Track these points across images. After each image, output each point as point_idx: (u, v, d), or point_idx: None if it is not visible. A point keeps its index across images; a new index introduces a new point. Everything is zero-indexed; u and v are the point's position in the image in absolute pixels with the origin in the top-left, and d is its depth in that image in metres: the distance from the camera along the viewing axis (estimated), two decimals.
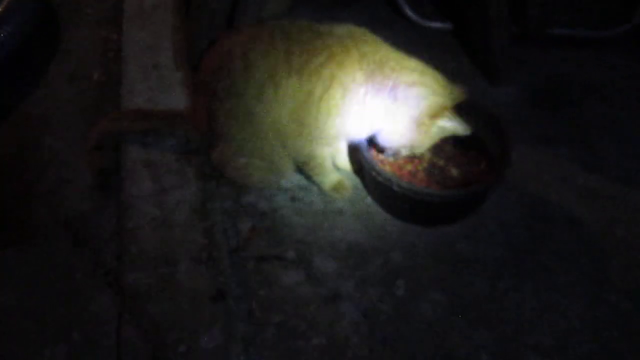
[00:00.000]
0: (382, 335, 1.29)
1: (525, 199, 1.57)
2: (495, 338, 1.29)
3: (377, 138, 1.45)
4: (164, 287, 1.28)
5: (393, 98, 1.36)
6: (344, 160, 1.59)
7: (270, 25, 1.39)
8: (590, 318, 1.34)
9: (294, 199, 1.55)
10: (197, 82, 1.45)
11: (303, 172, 1.56)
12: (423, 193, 1.40)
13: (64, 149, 1.67)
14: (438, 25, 2.06)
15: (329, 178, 1.53)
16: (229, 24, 1.59)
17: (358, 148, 1.46)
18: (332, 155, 1.54)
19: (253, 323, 1.30)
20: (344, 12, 2.11)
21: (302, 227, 1.49)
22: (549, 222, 1.52)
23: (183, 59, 1.75)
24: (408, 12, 2.05)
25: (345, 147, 1.57)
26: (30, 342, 1.27)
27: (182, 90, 1.73)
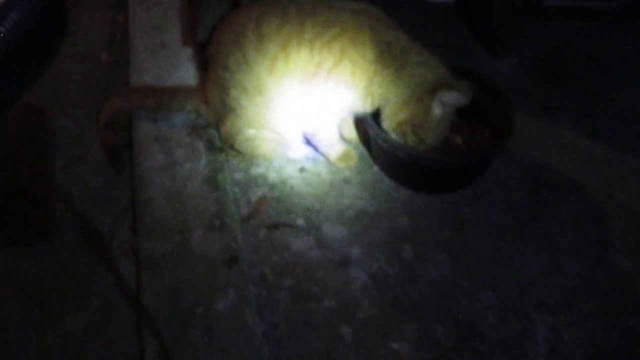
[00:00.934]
0: (391, 297, 1.34)
1: (528, 166, 1.60)
2: (501, 298, 1.34)
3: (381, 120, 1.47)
4: (179, 253, 1.33)
5: (397, 77, 1.40)
6: (351, 131, 1.63)
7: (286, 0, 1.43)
8: (593, 278, 1.38)
9: (302, 170, 1.58)
10: (208, 55, 1.48)
11: (310, 143, 1.59)
12: (428, 159, 1.44)
13: (76, 127, 1.71)
14: (440, 0, 2.09)
15: (336, 149, 1.57)
16: (234, 1, 1.62)
17: (364, 118, 1.50)
18: (339, 126, 1.57)
19: (266, 287, 1.34)
20: None
21: (310, 196, 1.53)
22: (551, 187, 1.56)
23: (190, 37, 1.77)
24: None
25: (352, 118, 1.61)
26: (53, 309, 1.32)
27: (190, 67, 1.76)
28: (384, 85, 1.41)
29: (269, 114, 1.47)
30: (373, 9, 1.44)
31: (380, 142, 1.46)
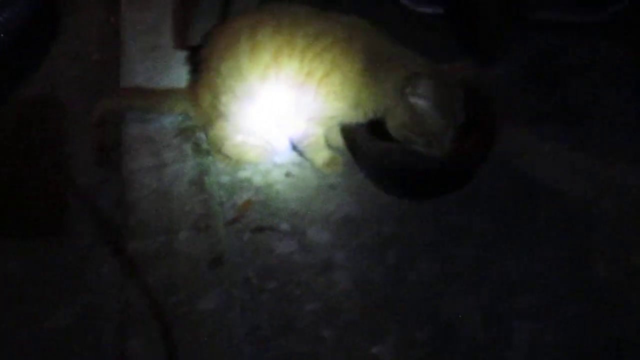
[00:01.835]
0: (373, 301, 1.35)
1: (513, 174, 1.62)
2: (484, 303, 1.35)
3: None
4: (164, 254, 1.34)
5: (384, 87, 1.39)
6: (337, 137, 1.64)
7: (279, 8, 1.45)
8: (574, 285, 1.39)
9: (289, 174, 1.60)
10: (201, 59, 1.50)
11: (297, 149, 1.61)
12: (412, 164, 1.46)
13: (67, 126, 1.72)
14: (429, 10, 2.10)
15: (322, 155, 1.58)
16: (227, 5, 1.63)
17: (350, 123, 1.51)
18: (325, 133, 1.59)
19: (249, 289, 1.35)
20: None
21: (296, 200, 1.54)
22: (536, 196, 1.58)
23: (183, 40, 1.79)
24: None
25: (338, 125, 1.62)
26: (41, 306, 1.33)
27: (181, 69, 1.77)
28: (374, 96, 1.41)
29: (259, 121, 1.48)
30: (364, 22, 1.46)
31: (366, 148, 1.47)
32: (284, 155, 1.62)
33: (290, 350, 1.26)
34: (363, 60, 1.39)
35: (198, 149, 1.58)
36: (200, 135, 1.61)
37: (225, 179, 1.58)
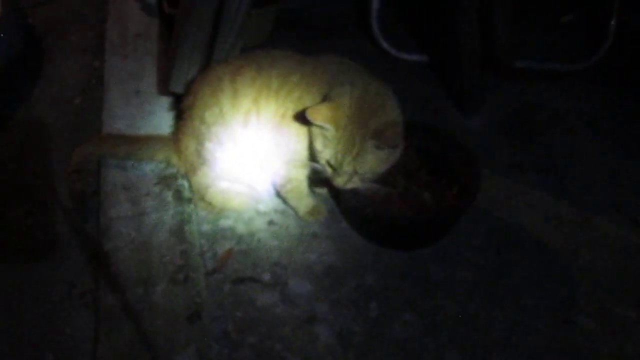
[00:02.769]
0: (355, 356, 1.32)
1: (495, 224, 1.62)
2: (465, 357, 1.33)
3: None
4: (141, 307, 1.30)
5: None
6: (321, 184, 1.63)
7: (259, 54, 1.46)
8: (557, 338, 1.38)
9: (271, 223, 1.58)
10: (184, 107, 1.49)
11: (280, 195, 1.59)
12: (394, 216, 1.45)
13: (45, 172, 1.69)
14: (413, 58, 2.14)
15: (304, 202, 1.57)
16: (210, 52, 1.64)
17: None
18: (308, 179, 1.58)
19: (228, 344, 1.31)
20: (324, 44, 2.18)
21: (278, 250, 1.52)
22: (518, 246, 1.58)
23: (165, 86, 1.79)
24: (384, 44, 2.13)
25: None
26: None
27: (164, 115, 1.77)
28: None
29: (242, 167, 1.47)
30: (338, 58, 1.45)
31: (348, 197, 1.46)
32: (267, 203, 1.60)
33: None
34: (322, 94, 1.36)
35: (179, 197, 1.56)
36: (182, 183, 1.59)
37: (207, 228, 1.55)
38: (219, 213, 1.58)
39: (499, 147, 1.84)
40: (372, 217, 1.48)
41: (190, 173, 1.53)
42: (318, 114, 1.28)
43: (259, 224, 1.57)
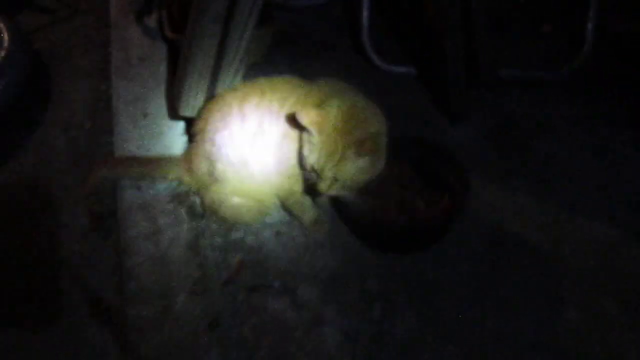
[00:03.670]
0: (363, 353, 1.44)
1: (486, 229, 1.74)
2: (462, 352, 1.45)
3: None
4: (163, 318, 1.41)
5: None
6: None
7: (262, 81, 1.58)
8: (547, 332, 1.51)
9: (279, 234, 1.69)
10: (196, 131, 1.60)
11: (285, 208, 1.71)
12: (391, 222, 1.57)
13: (61, 195, 1.80)
14: (402, 70, 2.25)
15: (308, 214, 1.68)
16: (215, 78, 1.75)
17: None
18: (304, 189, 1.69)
19: (246, 348, 1.43)
20: (318, 61, 2.28)
21: (286, 259, 1.63)
22: (507, 249, 1.70)
23: (173, 108, 1.89)
24: (375, 59, 2.24)
25: None
26: None
27: (172, 136, 1.87)
28: None
29: (252, 184, 1.59)
30: (333, 80, 1.56)
31: (349, 207, 1.58)
32: (274, 215, 1.72)
33: None
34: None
35: (192, 213, 1.67)
36: (194, 199, 1.70)
37: (219, 241, 1.66)
38: (230, 227, 1.69)
39: (488, 155, 1.95)
40: (371, 224, 1.60)
41: (203, 190, 1.64)
42: (306, 117, 1.39)
43: (268, 235, 1.69)
